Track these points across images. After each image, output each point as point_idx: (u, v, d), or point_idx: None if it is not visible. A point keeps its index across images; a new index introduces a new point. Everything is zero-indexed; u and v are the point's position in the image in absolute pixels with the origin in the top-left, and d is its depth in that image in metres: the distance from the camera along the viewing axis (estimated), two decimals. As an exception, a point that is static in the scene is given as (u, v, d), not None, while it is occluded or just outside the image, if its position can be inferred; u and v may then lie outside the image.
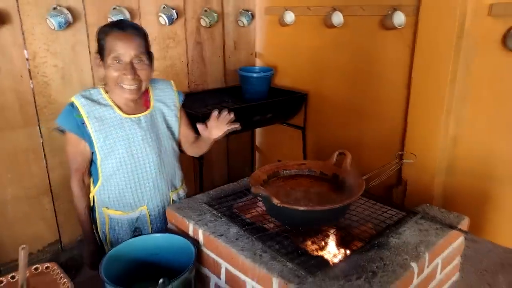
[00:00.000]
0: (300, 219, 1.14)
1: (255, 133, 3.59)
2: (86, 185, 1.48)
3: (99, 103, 1.38)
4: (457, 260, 1.29)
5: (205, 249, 1.20)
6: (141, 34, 1.36)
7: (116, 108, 1.40)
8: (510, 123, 2.07)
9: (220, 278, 1.17)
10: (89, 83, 2.46)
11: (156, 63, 2.68)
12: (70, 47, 2.35)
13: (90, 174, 1.48)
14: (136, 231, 1.48)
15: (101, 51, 1.34)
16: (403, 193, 2.52)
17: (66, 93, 2.37)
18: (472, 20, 2.09)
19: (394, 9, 2.36)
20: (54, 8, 2.20)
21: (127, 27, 1.33)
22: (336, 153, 1.35)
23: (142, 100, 1.47)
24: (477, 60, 2.12)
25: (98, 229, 1.53)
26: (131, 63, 1.32)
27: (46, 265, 1.07)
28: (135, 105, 1.44)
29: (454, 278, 1.29)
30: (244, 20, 3.12)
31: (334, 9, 2.68)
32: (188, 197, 1.45)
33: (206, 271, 1.22)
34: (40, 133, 2.33)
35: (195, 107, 2.68)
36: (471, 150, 2.26)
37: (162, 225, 1.51)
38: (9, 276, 1.02)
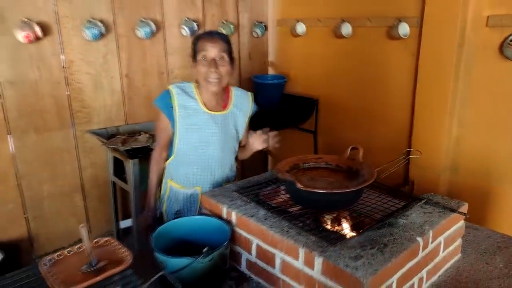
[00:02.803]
0: (319, 202, 1.32)
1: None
2: (162, 157, 1.77)
3: (188, 95, 1.67)
4: (458, 242, 1.45)
5: (237, 229, 1.38)
6: (225, 40, 1.64)
7: (200, 102, 1.68)
8: (508, 124, 2.25)
9: (251, 254, 1.34)
10: (118, 89, 2.67)
11: (178, 72, 2.94)
12: (101, 56, 2.57)
13: (168, 149, 1.75)
14: (177, 214, 1.67)
15: (194, 53, 1.64)
16: (410, 192, 2.69)
17: (97, 99, 2.59)
18: (471, 30, 2.28)
19: (399, 21, 2.56)
20: (89, 21, 2.43)
21: (213, 34, 1.64)
22: (350, 148, 1.53)
23: (222, 101, 1.73)
24: (477, 66, 2.31)
25: (160, 196, 1.80)
26: (214, 60, 1.59)
27: (105, 239, 1.25)
28: (216, 104, 1.71)
29: (456, 258, 1.46)
30: (258, 31, 3.34)
31: (343, 21, 2.88)
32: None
33: (238, 248, 1.40)
34: (74, 135, 2.54)
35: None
36: (472, 150, 2.43)
37: (193, 209, 1.74)
38: (76, 247, 1.21)
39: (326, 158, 1.57)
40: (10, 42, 2.20)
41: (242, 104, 1.77)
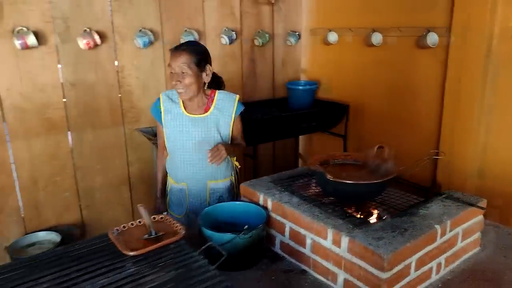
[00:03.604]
0: (346, 192, 1.48)
1: (298, 140, 3.94)
2: (164, 156, 1.99)
3: (173, 101, 1.86)
4: (477, 235, 1.57)
5: (272, 214, 1.56)
6: (191, 51, 1.73)
7: (182, 107, 1.85)
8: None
9: (284, 236, 1.52)
10: (163, 91, 2.93)
11: (216, 77, 3.15)
12: (149, 62, 2.84)
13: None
14: (220, 199, 1.88)
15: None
16: (433, 189, 2.78)
17: (145, 100, 2.86)
18: (498, 40, 2.37)
19: (428, 31, 2.68)
20: (140, 30, 2.70)
21: (179, 48, 1.75)
22: (376, 146, 1.68)
23: (204, 105, 1.85)
24: (503, 75, 2.39)
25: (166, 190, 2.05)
26: (178, 73, 1.73)
27: (160, 216, 1.46)
28: (197, 108, 1.84)
29: (475, 250, 1.57)
30: (292, 40, 3.53)
31: (374, 30, 3.03)
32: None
33: (272, 231, 1.57)
34: (124, 132, 2.81)
35: (248, 114, 3.07)
36: (499, 156, 2.50)
37: (197, 201, 1.93)
38: (137, 221, 1.43)
39: (354, 156, 1.73)
40: (73, 48, 2.50)
41: (224, 106, 1.86)
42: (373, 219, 1.41)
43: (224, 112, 1.86)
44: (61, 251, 1.29)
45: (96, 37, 2.48)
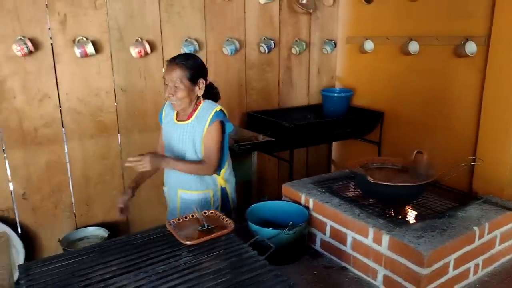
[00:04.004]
0: (387, 194, 1.55)
1: (332, 147, 4.00)
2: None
3: (171, 108, 1.94)
4: (515, 240, 1.60)
5: (313, 213, 1.65)
6: (183, 66, 1.76)
7: (174, 114, 1.93)
8: None
9: (325, 234, 1.61)
10: (204, 98, 3.09)
11: (255, 84, 3.30)
12: (193, 70, 3.00)
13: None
14: (264, 198, 2.00)
15: None
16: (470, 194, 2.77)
17: (187, 105, 3.02)
18: (539, 49, 2.37)
19: (467, 39, 2.70)
20: (186, 40, 2.87)
21: (173, 62, 1.79)
22: (415, 151, 1.74)
23: (187, 114, 1.88)
24: (544, 83, 2.38)
25: None
26: (172, 86, 1.77)
27: (210, 211, 1.59)
28: (183, 115, 1.89)
29: (513, 255, 1.60)
30: (328, 48, 3.62)
31: (411, 39, 3.07)
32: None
33: (313, 230, 1.67)
34: (168, 135, 2.99)
35: (284, 120, 3.15)
36: (539, 166, 2.48)
37: (172, 206, 2.00)
38: (190, 214, 1.56)
39: (392, 160, 1.80)
40: (126, 57, 2.70)
41: (203, 116, 1.83)
42: (412, 220, 1.48)
43: (200, 121, 1.84)
44: (125, 239, 1.44)
45: (147, 46, 2.67)
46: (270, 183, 3.56)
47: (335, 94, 3.46)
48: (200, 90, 1.84)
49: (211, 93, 1.95)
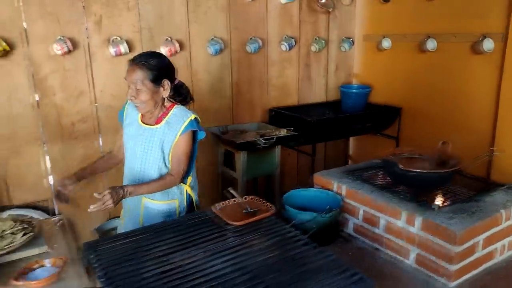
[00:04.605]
0: (417, 181, 1.66)
1: (349, 142, 4.10)
2: (111, 153, 1.97)
3: (135, 109, 1.78)
4: (540, 225, 1.69)
5: (346, 200, 1.76)
6: (145, 67, 1.64)
7: (139, 115, 1.79)
8: None
9: (358, 218, 1.72)
10: (228, 94, 3.21)
11: (275, 81, 3.41)
12: (218, 68, 3.13)
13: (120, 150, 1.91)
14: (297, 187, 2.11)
15: None
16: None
17: (212, 102, 3.14)
18: (557, 44, 2.45)
19: (484, 36, 2.78)
20: (212, 39, 3.00)
21: (134, 63, 1.66)
22: (441, 142, 1.85)
23: (156, 117, 1.75)
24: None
25: None
26: (134, 89, 1.66)
27: (251, 196, 1.71)
28: (150, 118, 1.76)
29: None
30: (346, 46, 3.72)
31: (429, 36, 3.16)
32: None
33: (345, 215, 1.77)
34: (194, 130, 3.11)
35: (303, 116, 3.26)
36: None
37: (132, 216, 1.83)
38: (232, 200, 1.68)
39: (419, 150, 1.90)
40: (155, 55, 2.83)
41: (174, 122, 1.72)
42: (442, 204, 1.58)
43: (171, 129, 1.72)
44: (177, 221, 1.56)
45: (177, 45, 2.80)
46: (289, 176, 3.66)
47: (354, 91, 3.56)
48: (165, 91, 1.71)
49: (181, 94, 1.82)
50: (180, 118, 1.73)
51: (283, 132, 2.98)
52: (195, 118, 1.76)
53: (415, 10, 3.31)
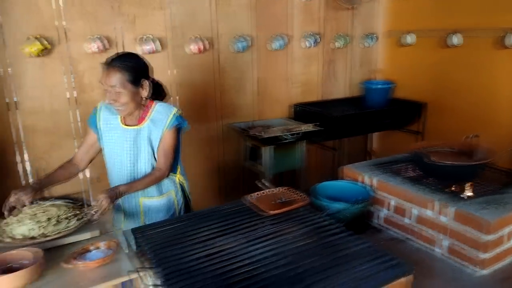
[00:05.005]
0: (447, 173, 1.69)
1: (369, 138, 4.13)
2: (71, 163, 1.80)
3: (111, 111, 1.76)
4: None
5: (376, 191, 1.81)
6: (123, 69, 1.61)
7: (120, 117, 1.76)
8: None
9: (388, 210, 1.77)
10: (254, 90, 3.29)
11: (299, 77, 3.46)
12: (244, 65, 3.20)
13: (89, 159, 1.84)
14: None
15: None
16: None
17: (238, 98, 3.23)
18: None
19: (510, 31, 2.78)
20: (239, 36, 3.07)
21: (111, 65, 1.62)
22: (471, 135, 1.87)
23: (138, 117, 1.75)
24: None
25: None
26: (113, 92, 1.62)
27: (284, 188, 1.77)
28: (131, 119, 1.75)
29: None
30: (369, 42, 3.74)
31: (454, 31, 3.16)
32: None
33: (375, 207, 1.82)
34: (221, 126, 3.20)
35: (327, 111, 3.30)
36: None
37: (131, 219, 1.82)
38: (266, 190, 1.75)
39: (448, 144, 1.93)
40: (184, 53, 2.92)
41: (158, 118, 1.74)
42: (473, 195, 1.62)
43: (157, 125, 1.74)
44: (214, 209, 1.64)
45: (206, 43, 2.88)
46: (311, 171, 3.71)
47: (378, 86, 3.58)
48: (144, 91, 1.70)
49: (158, 91, 1.82)
50: (164, 114, 1.75)
51: (308, 127, 3.04)
52: (178, 112, 1.78)
53: (439, 5, 3.32)
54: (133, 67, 1.65)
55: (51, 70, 2.52)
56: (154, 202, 1.83)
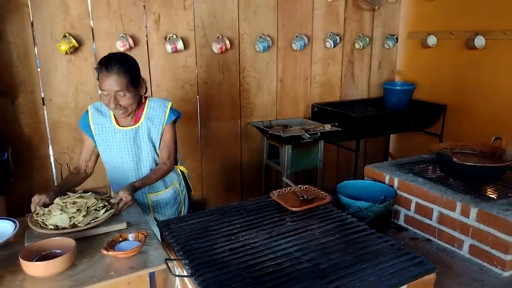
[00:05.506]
0: (470, 174, 1.69)
1: (389, 139, 4.11)
2: (77, 169, 1.83)
3: (102, 114, 1.76)
4: None
5: (398, 191, 1.82)
6: (122, 71, 1.59)
7: (113, 119, 1.75)
8: None
9: (410, 210, 1.77)
10: (273, 90, 3.32)
11: (319, 78, 3.48)
12: (265, 64, 3.23)
13: (93, 163, 1.87)
14: (349, 177, 2.18)
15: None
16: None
17: (258, 97, 3.26)
18: None
19: (538, 33, 2.74)
20: (261, 36, 3.10)
21: (110, 67, 1.58)
22: (493, 137, 1.86)
23: (134, 116, 1.75)
24: None
25: None
26: (114, 96, 1.60)
27: (306, 186, 1.80)
28: (126, 119, 1.75)
29: None
30: (390, 43, 3.73)
31: (477, 34, 3.13)
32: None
33: (397, 207, 1.83)
34: (240, 125, 3.24)
35: (346, 111, 3.30)
36: None
37: (146, 214, 1.82)
38: (288, 188, 1.78)
39: (471, 145, 1.92)
40: (208, 52, 2.97)
41: (155, 115, 1.75)
42: (496, 197, 1.61)
43: (155, 122, 1.75)
44: (238, 205, 1.68)
45: (228, 43, 2.93)
46: (329, 171, 3.73)
47: (398, 88, 3.57)
48: (142, 90, 1.72)
49: (146, 89, 1.80)
50: (159, 110, 1.76)
51: (327, 127, 3.05)
52: (172, 105, 1.80)
53: (461, 7, 3.29)
54: (131, 68, 1.65)
55: (78, 68, 2.60)
56: (161, 195, 1.90)
